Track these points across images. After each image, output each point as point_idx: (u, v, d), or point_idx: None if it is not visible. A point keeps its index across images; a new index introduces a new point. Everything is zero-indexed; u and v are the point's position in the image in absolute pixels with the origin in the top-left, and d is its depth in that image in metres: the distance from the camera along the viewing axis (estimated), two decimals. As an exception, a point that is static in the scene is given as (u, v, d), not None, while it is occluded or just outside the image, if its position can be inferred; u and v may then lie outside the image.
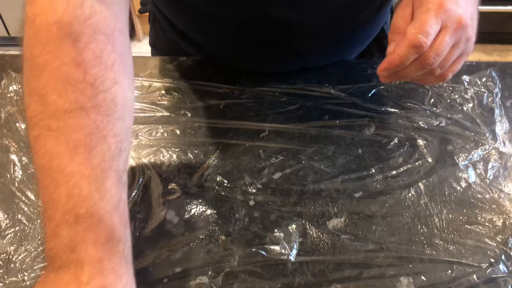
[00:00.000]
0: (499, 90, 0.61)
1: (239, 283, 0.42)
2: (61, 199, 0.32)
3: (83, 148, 0.33)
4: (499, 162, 0.53)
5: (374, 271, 0.43)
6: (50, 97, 0.34)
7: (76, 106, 0.34)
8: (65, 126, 0.33)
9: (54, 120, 0.33)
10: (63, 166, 0.33)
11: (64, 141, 0.33)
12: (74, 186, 0.33)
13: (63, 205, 0.32)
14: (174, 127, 0.56)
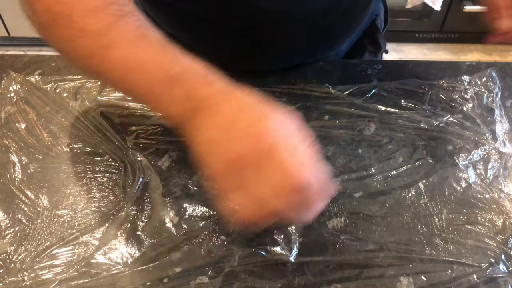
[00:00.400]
0: (499, 90, 0.61)
1: (239, 283, 0.42)
2: (154, 75, 0.38)
3: (138, 40, 0.39)
4: (499, 162, 0.53)
5: (374, 271, 0.43)
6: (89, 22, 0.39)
7: (114, 19, 0.39)
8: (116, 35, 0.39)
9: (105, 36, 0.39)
10: (137, 59, 0.38)
11: (124, 47, 0.39)
12: (157, 61, 0.38)
13: (160, 77, 0.38)
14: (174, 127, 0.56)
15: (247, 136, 0.34)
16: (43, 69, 0.64)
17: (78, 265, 0.43)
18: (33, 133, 0.55)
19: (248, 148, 0.34)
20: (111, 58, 0.39)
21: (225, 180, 0.36)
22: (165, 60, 0.38)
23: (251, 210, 0.35)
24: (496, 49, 2.00)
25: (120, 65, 0.39)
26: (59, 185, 0.50)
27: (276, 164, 0.33)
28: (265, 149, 0.34)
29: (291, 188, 0.34)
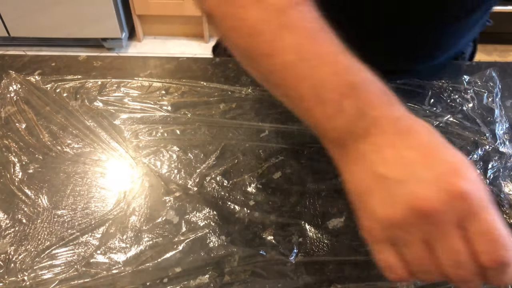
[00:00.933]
0: (499, 90, 0.61)
1: (239, 283, 0.42)
2: (327, 77, 0.32)
3: (316, 33, 0.34)
4: (499, 162, 0.53)
5: (374, 271, 0.43)
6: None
7: (294, 2, 0.35)
8: (294, 21, 0.34)
9: (283, 17, 0.34)
10: (313, 52, 0.33)
11: (301, 33, 0.34)
12: (335, 63, 0.33)
13: (333, 82, 0.32)
14: (174, 127, 0.56)
15: (442, 185, 0.27)
16: (43, 69, 0.64)
17: (78, 265, 0.43)
18: (33, 133, 0.55)
19: (443, 201, 0.27)
20: (284, 40, 0.33)
21: (396, 231, 0.28)
22: (343, 64, 0.32)
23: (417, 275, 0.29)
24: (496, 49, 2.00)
25: (291, 51, 0.33)
26: (59, 185, 0.50)
27: (481, 228, 0.27)
28: (465, 208, 0.27)
29: (502, 261, 0.27)
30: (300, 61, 0.33)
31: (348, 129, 0.31)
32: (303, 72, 0.33)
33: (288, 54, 0.33)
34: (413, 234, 0.28)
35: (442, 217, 0.27)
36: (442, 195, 0.27)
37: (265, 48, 0.34)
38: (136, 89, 0.61)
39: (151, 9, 1.99)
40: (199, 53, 2.08)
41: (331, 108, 0.31)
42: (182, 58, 0.67)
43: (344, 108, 0.31)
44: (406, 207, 0.28)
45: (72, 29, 1.95)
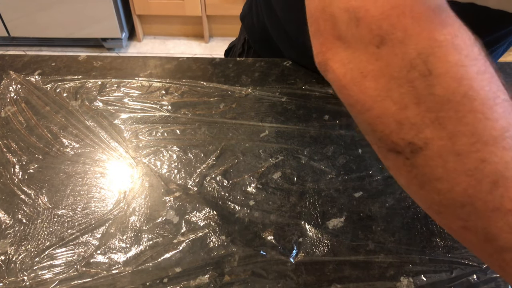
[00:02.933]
0: (499, 90, 0.61)
1: (239, 283, 0.42)
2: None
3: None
4: (499, 162, 0.52)
5: (374, 271, 0.43)
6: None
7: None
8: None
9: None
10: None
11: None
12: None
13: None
14: (174, 127, 0.56)
15: None
16: (43, 69, 0.64)
17: (78, 265, 0.43)
18: (33, 133, 0.55)
19: None
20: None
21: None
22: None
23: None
24: (496, 49, 1.99)
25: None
26: (59, 185, 0.50)
27: None
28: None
29: None
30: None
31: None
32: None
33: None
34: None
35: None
36: None
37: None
38: (136, 89, 0.61)
39: (151, 9, 1.99)
40: (199, 53, 2.08)
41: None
42: (182, 58, 0.67)
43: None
44: None
45: (72, 29, 1.95)
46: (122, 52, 2.06)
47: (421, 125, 0.27)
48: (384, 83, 0.28)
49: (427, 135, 0.27)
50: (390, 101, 0.28)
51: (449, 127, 0.27)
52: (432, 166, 0.28)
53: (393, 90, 0.28)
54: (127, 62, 0.65)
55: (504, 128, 0.26)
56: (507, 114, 0.27)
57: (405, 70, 0.27)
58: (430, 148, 0.27)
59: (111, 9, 1.87)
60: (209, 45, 2.12)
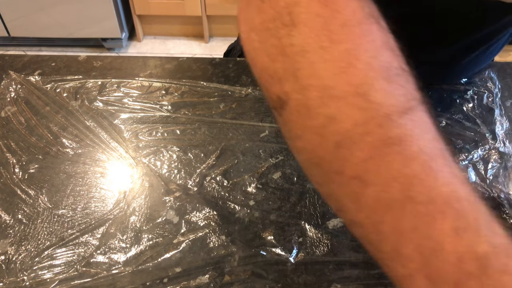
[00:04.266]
0: (499, 90, 0.61)
1: (239, 283, 0.42)
2: (445, 239, 0.22)
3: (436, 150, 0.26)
4: (499, 162, 0.53)
5: (374, 271, 0.43)
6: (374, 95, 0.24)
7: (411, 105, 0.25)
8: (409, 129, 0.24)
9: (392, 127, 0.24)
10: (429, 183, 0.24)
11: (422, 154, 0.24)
12: (456, 215, 0.23)
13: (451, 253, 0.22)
14: (174, 127, 0.56)
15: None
16: (43, 69, 0.64)
17: (78, 265, 0.43)
18: (33, 133, 0.55)
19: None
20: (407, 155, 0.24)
21: None
22: (467, 217, 0.23)
23: None
24: (496, 49, 1.99)
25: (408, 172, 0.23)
26: (59, 185, 0.50)
27: None
28: None
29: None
30: (414, 184, 0.23)
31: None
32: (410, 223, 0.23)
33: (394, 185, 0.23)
34: None
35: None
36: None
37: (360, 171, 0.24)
38: (136, 89, 0.61)
39: (151, 9, 1.99)
40: (199, 53, 2.08)
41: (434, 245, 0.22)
42: (182, 58, 0.67)
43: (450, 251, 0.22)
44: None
45: (72, 29, 1.95)
46: (122, 52, 2.06)
47: (284, 78, 0.26)
48: (262, 35, 0.28)
49: (287, 89, 0.26)
50: (265, 53, 0.28)
51: (303, 80, 0.25)
52: (292, 122, 0.26)
53: (267, 42, 0.27)
54: (127, 62, 0.65)
55: (359, 84, 0.24)
56: (368, 71, 0.24)
57: (274, 21, 0.27)
58: (290, 103, 0.26)
59: (111, 9, 1.87)
60: (209, 45, 2.12)
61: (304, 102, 0.25)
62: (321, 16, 0.26)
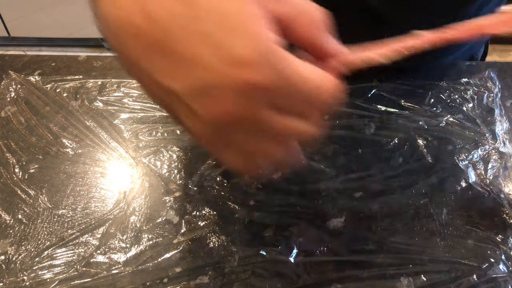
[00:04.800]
0: (499, 90, 0.61)
1: (239, 283, 0.42)
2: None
3: None
4: (499, 162, 0.53)
5: (374, 271, 0.43)
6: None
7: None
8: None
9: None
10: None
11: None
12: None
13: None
14: (174, 127, 0.56)
15: (227, 83, 0.22)
16: (43, 69, 0.64)
17: (78, 265, 0.43)
18: (33, 133, 0.55)
19: (237, 107, 0.23)
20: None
21: (222, 135, 0.25)
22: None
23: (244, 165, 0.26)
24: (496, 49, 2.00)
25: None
26: (59, 185, 0.50)
27: (293, 98, 0.24)
28: (268, 96, 0.23)
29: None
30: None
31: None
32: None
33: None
34: (238, 136, 0.25)
35: (244, 121, 0.23)
36: (232, 100, 0.22)
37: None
38: (136, 89, 0.61)
39: (151, 9, 1.98)
40: (199, 53, 2.08)
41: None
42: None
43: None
44: (208, 120, 0.23)
45: (72, 29, 1.95)
46: (122, 52, 2.05)
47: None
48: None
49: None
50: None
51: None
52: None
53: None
54: (127, 62, 0.65)
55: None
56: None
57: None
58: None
59: (111, 9, 1.87)
60: (209, 45, 2.12)
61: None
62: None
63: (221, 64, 0.22)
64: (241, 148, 0.26)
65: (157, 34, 0.23)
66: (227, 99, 0.22)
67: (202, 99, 0.23)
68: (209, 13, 0.22)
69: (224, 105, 0.22)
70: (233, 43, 0.22)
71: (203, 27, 0.22)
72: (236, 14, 0.22)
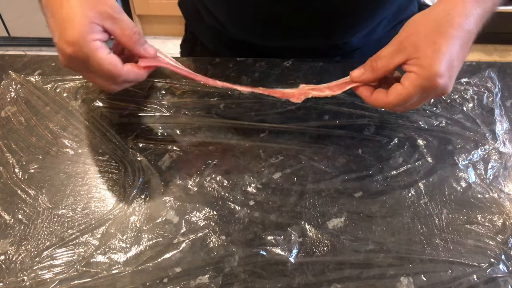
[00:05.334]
0: (499, 90, 0.61)
1: (239, 283, 0.42)
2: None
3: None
4: (499, 162, 0.53)
5: (374, 271, 0.43)
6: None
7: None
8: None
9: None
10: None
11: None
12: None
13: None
14: (174, 127, 0.56)
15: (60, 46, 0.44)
16: (43, 69, 0.64)
17: (78, 265, 0.43)
18: (33, 133, 0.55)
19: (65, 58, 0.45)
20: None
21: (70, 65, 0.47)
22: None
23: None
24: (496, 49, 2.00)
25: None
26: (59, 185, 0.50)
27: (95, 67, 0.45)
28: (77, 63, 0.46)
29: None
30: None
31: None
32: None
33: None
34: (78, 71, 0.47)
35: (73, 65, 0.46)
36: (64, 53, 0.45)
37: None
38: (136, 89, 0.61)
39: (151, 9, 1.99)
40: (199, 53, 2.08)
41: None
42: (182, 58, 0.67)
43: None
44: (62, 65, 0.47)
45: (72, 29, 1.95)
46: (122, 52, 2.05)
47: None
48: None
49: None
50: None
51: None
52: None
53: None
54: (127, 62, 0.65)
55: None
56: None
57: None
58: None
59: (111, 9, 1.87)
60: (209, 45, 2.12)
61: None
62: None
63: (60, 39, 0.44)
64: (83, 75, 0.49)
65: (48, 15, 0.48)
66: (62, 56, 0.45)
67: (58, 51, 0.45)
68: (56, 20, 0.45)
69: (61, 58, 0.45)
70: (66, 31, 0.43)
71: (59, 20, 0.45)
72: (74, 15, 0.44)
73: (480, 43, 1.99)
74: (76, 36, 0.43)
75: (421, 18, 0.45)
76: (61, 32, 0.43)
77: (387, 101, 0.46)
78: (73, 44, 0.43)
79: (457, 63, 0.44)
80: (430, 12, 0.45)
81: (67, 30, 0.43)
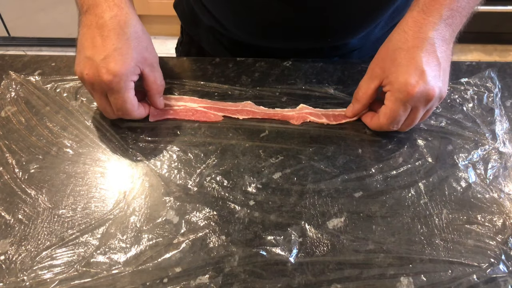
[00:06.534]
0: (499, 90, 0.61)
1: (239, 283, 0.42)
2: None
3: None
4: (499, 162, 0.53)
5: (374, 271, 0.43)
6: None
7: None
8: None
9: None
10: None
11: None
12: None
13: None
14: (174, 127, 0.56)
15: (93, 66, 0.49)
16: (43, 69, 0.64)
17: (78, 265, 0.43)
18: (33, 133, 0.55)
19: (89, 79, 0.50)
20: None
21: (87, 87, 0.52)
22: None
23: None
24: (496, 49, 2.00)
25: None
26: (59, 185, 0.50)
27: (114, 101, 0.52)
28: (103, 86, 0.50)
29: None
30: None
31: (82, 4, 0.52)
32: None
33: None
34: (95, 91, 0.51)
35: (97, 87, 0.50)
36: (89, 74, 0.49)
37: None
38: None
39: (151, 9, 1.99)
40: (199, 53, 2.08)
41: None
42: (182, 58, 0.67)
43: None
44: (79, 74, 0.51)
45: (72, 29, 1.95)
46: (122, 52, 2.05)
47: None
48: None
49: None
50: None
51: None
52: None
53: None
54: (127, 62, 0.65)
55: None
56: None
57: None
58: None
59: (111, 9, 1.87)
60: (209, 45, 2.12)
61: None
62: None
63: (102, 63, 0.49)
64: (95, 96, 0.52)
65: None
66: (93, 75, 0.49)
67: (90, 67, 0.49)
68: (106, 45, 0.49)
69: (88, 75, 0.50)
70: (114, 61, 0.49)
71: (109, 46, 0.49)
72: (127, 52, 0.50)
73: (480, 43, 1.99)
74: (122, 71, 0.48)
75: (383, 45, 0.52)
76: (106, 57, 0.48)
77: (380, 123, 0.52)
78: (114, 75, 0.48)
79: (428, 68, 0.48)
80: (389, 37, 0.52)
81: (116, 60, 0.48)
